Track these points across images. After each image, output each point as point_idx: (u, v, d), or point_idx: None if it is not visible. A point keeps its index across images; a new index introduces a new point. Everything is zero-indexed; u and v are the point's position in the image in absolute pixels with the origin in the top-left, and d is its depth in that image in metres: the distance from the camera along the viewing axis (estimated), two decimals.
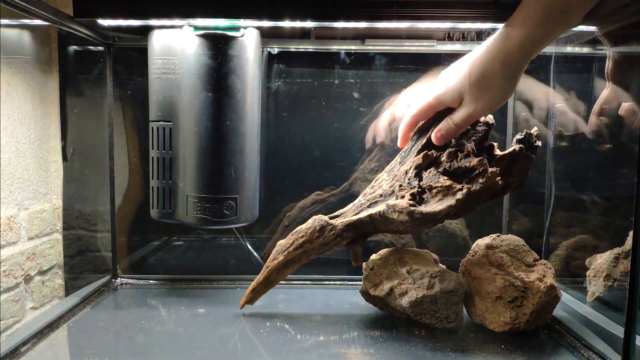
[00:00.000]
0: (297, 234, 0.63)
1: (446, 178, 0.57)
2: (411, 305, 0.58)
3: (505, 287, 0.57)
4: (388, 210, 0.58)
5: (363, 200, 0.63)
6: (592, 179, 0.70)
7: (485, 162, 0.57)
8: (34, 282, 0.74)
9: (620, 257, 0.61)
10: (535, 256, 0.62)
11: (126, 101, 0.80)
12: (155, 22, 0.67)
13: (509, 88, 0.56)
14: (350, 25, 0.68)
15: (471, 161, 0.57)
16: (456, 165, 0.58)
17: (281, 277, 0.65)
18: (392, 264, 0.62)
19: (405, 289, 0.59)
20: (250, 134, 0.70)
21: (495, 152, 0.61)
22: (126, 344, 0.57)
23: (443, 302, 0.58)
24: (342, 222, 0.61)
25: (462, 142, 0.60)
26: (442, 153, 0.59)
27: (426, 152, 0.59)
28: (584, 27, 0.65)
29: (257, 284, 0.65)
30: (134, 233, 0.82)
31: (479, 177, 0.57)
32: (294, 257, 0.63)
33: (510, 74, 0.55)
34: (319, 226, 0.61)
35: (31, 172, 0.73)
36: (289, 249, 0.63)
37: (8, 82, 0.67)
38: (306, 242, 0.62)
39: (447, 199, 0.56)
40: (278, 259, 0.63)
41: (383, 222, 0.59)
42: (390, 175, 0.62)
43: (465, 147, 0.59)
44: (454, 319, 0.58)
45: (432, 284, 0.58)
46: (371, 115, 0.81)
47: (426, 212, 0.56)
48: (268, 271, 0.64)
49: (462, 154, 0.58)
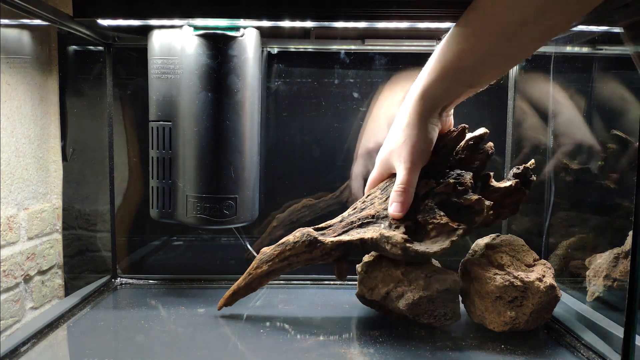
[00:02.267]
0: (284, 245, 0.61)
1: (442, 214, 0.57)
2: (409, 308, 0.58)
3: (505, 287, 0.58)
4: (381, 240, 0.57)
5: (353, 217, 0.61)
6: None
7: (483, 202, 0.57)
8: (33, 282, 0.74)
9: (620, 257, 0.61)
10: (535, 256, 0.62)
11: (126, 101, 0.80)
12: (155, 22, 0.67)
13: (417, 138, 0.56)
14: (350, 25, 0.68)
15: (470, 199, 0.57)
16: (453, 200, 0.58)
17: (262, 284, 0.63)
18: (386, 267, 0.61)
19: (401, 292, 0.59)
20: (250, 134, 0.70)
21: (490, 182, 0.61)
22: (126, 344, 0.57)
23: (440, 301, 0.58)
24: (331, 240, 0.59)
25: (460, 173, 0.59)
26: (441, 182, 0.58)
27: (425, 180, 0.58)
28: (584, 27, 0.64)
29: (238, 287, 0.63)
30: (133, 233, 0.82)
31: (476, 216, 0.57)
32: (277, 268, 0.62)
33: (413, 124, 0.56)
34: (307, 241, 0.60)
35: (31, 172, 0.73)
36: (274, 260, 0.61)
37: (8, 82, 0.67)
38: (292, 255, 0.61)
39: (442, 239, 0.56)
40: (262, 268, 0.62)
41: (374, 247, 0.59)
42: (384, 193, 0.61)
43: (464, 179, 0.58)
44: (451, 316, 0.58)
45: (428, 284, 0.58)
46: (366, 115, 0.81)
47: (420, 251, 0.55)
48: (250, 278, 0.63)
49: (461, 188, 0.58)
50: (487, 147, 0.62)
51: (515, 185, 0.60)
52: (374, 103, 0.80)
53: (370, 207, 0.61)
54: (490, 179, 0.61)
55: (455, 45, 0.54)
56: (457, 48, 0.54)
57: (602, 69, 0.68)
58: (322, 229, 0.62)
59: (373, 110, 0.80)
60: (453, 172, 0.59)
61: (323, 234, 0.61)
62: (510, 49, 0.53)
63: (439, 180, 0.59)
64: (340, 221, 0.62)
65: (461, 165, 0.60)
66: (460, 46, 0.54)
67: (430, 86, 0.56)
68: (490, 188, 0.61)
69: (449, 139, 0.59)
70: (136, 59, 0.78)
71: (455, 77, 0.55)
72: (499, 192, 0.61)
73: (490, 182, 0.61)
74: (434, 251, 0.55)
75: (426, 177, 0.59)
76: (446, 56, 0.55)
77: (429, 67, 0.56)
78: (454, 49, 0.54)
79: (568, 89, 0.73)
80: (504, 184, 0.61)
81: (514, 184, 0.60)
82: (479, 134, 0.61)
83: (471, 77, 0.55)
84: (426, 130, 0.57)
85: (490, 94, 0.79)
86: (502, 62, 0.55)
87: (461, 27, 0.54)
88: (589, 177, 0.68)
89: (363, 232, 0.59)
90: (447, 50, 0.55)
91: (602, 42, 0.66)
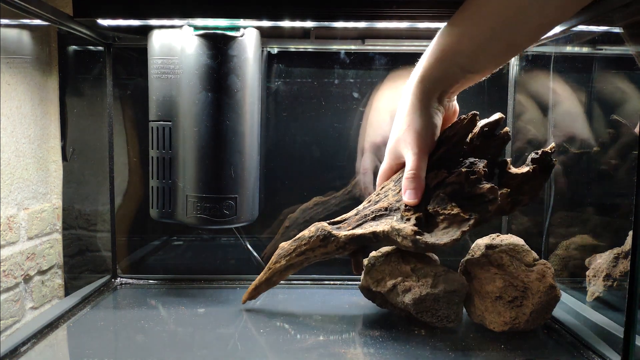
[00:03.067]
0: (300, 240, 0.63)
1: (454, 205, 0.56)
2: (414, 302, 0.58)
3: (505, 287, 0.58)
4: (392, 232, 0.57)
5: (367, 210, 0.62)
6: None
7: (496, 190, 0.55)
8: (33, 282, 0.74)
9: (620, 257, 0.61)
10: (534, 256, 0.62)
11: (126, 101, 0.80)
12: (155, 22, 0.67)
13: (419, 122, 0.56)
14: (350, 25, 0.68)
15: (482, 187, 0.55)
16: (466, 190, 0.56)
17: (282, 278, 0.65)
18: (395, 262, 0.62)
19: (409, 286, 0.59)
20: (250, 134, 0.70)
21: (508, 169, 0.59)
22: (126, 344, 0.57)
23: (445, 302, 0.58)
24: (345, 234, 0.60)
25: (473, 162, 0.57)
26: (453, 172, 0.57)
27: (435, 171, 0.57)
28: (584, 27, 0.64)
29: (259, 282, 0.66)
30: (133, 233, 0.82)
31: (489, 205, 0.55)
32: (295, 263, 0.64)
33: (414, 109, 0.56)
34: (322, 236, 0.61)
35: (31, 171, 0.73)
36: (291, 255, 0.63)
37: (8, 82, 0.67)
38: (308, 250, 0.62)
39: (453, 229, 0.55)
40: (280, 263, 0.64)
41: (386, 240, 0.59)
42: (397, 185, 0.60)
43: (476, 167, 0.56)
44: (453, 319, 0.58)
45: (436, 283, 0.58)
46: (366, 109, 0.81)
47: (430, 242, 0.55)
48: (270, 272, 0.65)
49: (474, 176, 0.56)
50: (502, 133, 0.59)
51: (533, 171, 0.58)
52: (374, 96, 0.80)
53: (384, 199, 0.61)
54: (507, 165, 0.59)
55: (454, 29, 0.54)
56: (456, 31, 0.54)
57: (602, 69, 0.68)
58: (337, 223, 0.63)
59: (374, 103, 0.80)
60: (466, 161, 0.57)
61: (338, 227, 0.62)
62: (507, 35, 0.52)
63: (451, 169, 0.57)
64: (355, 214, 0.63)
65: (476, 153, 0.59)
66: (459, 29, 0.54)
67: (429, 70, 0.56)
68: (507, 175, 0.59)
69: (459, 127, 0.58)
70: (136, 59, 0.78)
71: (453, 60, 0.55)
72: (517, 178, 0.58)
73: (507, 168, 0.59)
74: (444, 242, 0.54)
75: (437, 167, 0.58)
76: (445, 39, 0.54)
77: (428, 51, 0.56)
78: (452, 32, 0.54)
79: (568, 89, 0.73)
80: (522, 170, 0.59)
81: (532, 170, 0.58)
82: (494, 119, 0.59)
83: (469, 62, 0.55)
84: (428, 115, 0.56)
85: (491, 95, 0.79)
86: (500, 50, 0.54)
87: (460, 12, 0.54)
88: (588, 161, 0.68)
89: (376, 225, 0.59)
90: (446, 34, 0.55)
91: (602, 42, 0.66)
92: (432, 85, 0.56)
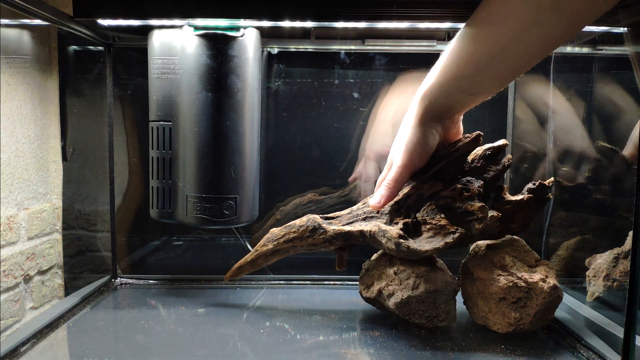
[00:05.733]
0: (290, 228, 0.64)
1: (442, 216, 0.57)
2: (397, 307, 0.58)
3: (509, 288, 0.57)
4: (378, 233, 0.58)
5: (360, 210, 0.63)
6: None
7: (486, 210, 0.57)
8: (33, 282, 0.74)
9: (620, 257, 0.61)
10: (536, 256, 0.62)
11: (126, 101, 0.80)
12: (155, 22, 0.67)
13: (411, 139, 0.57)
14: (350, 25, 0.68)
15: (473, 205, 0.58)
16: (457, 205, 0.58)
17: (267, 262, 0.66)
18: (383, 265, 0.62)
19: (392, 290, 0.59)
20: (250, 134, 0.70)
21: (504, 195, 0.61)
22: (126, 344, 0.57)
23: (430, 302, 0.58)
24: (333, 229, 0.62)
25: (470, 180, 0.60)
26: (448, 187, 0.59)
27: (431, 182, 0.59)
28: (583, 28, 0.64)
29: (244, 262, 0.66)
30: (133, 233, 0.82)
31: (477, 223, 0.57)
32: (282, 249, 0.64)
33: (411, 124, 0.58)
34: (311, 227, 0.62)
35: (31, 172, 0.73)
36: (279, 240, 0.64)
37: (8, 82, 0.67)
38: (296, 238, 0.63)
39: (437, 239, 0.57)
40: (267, 246, 0.65)
41: (372, 240, 0.60)
42: None
43: (472, 185, 0.59)
44: (444, 318, 0.58)
45: (417, 284, 0.58)
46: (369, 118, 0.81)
47: (412, 248, 0.56)
48: (256, 254, 0.65)
49: (467, 194, 0.58)
50: (504, 160, 0.62)
51: (527, 200, 0.60)
52: (378, 105, 0.80)
53: None
54: (504, 191, 0.61)
55: (456, 53, 0.54)
56: (457, 56, 0.54)
57: (603, 69, 0.68)
58: (330, 219, 0.64)
59: (379, 112, 0.80)
60: (463, 179, 0.60)
61: (330, 222, 0.63)
62: (507, 60, 0.53)
63: (447, 184, 0.59)
64: (348, 213, 0.64)
65: (474, 173, 0.61)
66: (460, 54, 0.54)
67: (431, 91, 0.57)
68: (502, 200, 0.61)
69: (462, 144, 0.60)
70: (136, 59, 0.78)
71: (455, 84, 0.55)
72: (510, 204, 0.60)
73: (503, 194, 0.61)
74: (425, 249, 0.56)
75: (434, 180, 0.60)
76: (447, 63, 0.55)
77: (434, 70, 0.57)
78: (454, 57, 0.54)
79: (568, 89, 0.73)
80: (517, 197, 0.61)
81: (525, 199, 0.60)
82: (498, 144, 0.61)
83: (471, 86, 0.55)
84: (423, 134, 0.57)
85: None
86: (501, 73, 0.55)
87: (461, 37, 0.54)
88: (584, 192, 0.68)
89: (365, 224, 0.61)
90: (448, 57, 0.55)
91: (603, 42, 0.66)
92: (432, 106, 0.57)
